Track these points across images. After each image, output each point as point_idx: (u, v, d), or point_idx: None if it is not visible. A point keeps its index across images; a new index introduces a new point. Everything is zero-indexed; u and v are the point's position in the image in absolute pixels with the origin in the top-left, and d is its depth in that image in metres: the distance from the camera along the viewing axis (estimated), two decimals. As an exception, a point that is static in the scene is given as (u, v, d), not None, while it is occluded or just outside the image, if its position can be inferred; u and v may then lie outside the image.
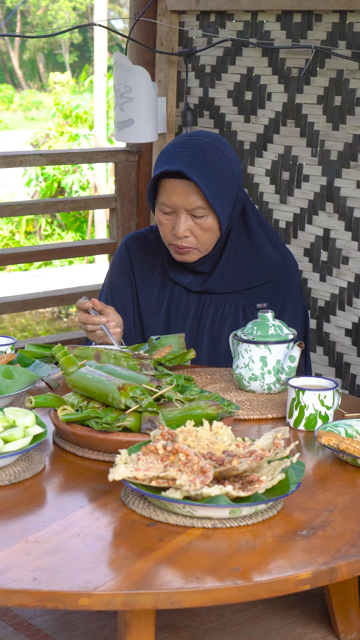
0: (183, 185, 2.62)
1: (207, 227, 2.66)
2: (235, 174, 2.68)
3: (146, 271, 2.87)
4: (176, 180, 2.63)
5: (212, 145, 2.66)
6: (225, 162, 2.66)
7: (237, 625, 2.29)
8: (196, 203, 2.63)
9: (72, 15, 30.04)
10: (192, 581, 1.55)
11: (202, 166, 2.61)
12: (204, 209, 2.64)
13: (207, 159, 2.62)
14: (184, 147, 2.66)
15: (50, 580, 1.54)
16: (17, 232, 13.36)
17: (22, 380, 2.31)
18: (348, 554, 1.65)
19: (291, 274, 2.85)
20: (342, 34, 3.53)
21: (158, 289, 2.85)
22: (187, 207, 2.64)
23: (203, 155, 2.63)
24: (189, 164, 2.60)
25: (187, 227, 2.66)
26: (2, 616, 2.31)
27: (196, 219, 2.66)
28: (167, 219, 2.69)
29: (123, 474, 1.73)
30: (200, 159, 2.62)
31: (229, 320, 2.77)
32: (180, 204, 2.64)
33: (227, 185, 2.65)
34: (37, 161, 4.35)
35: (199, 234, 2.67)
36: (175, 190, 2.63)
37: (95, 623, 2.29)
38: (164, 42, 4.21)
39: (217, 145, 2.67)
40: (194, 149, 2.64)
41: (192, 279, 2.80)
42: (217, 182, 2.62)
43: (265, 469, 1.80)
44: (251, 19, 3.87)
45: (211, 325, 2.77)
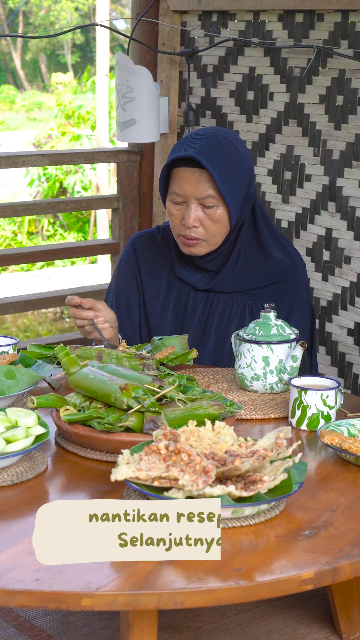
0: (195, 174, 2.62)
1: (217, 219, 2.66)
2: (247, 168, 2.68)
3: (153, 271, 2.87)
4: (188, 169, 2.63)
5: (226, 137, 2.67)
6: (238, 154, 2.66)
7: (240, 625, 2.28)
8: (207, 192, 2.62)
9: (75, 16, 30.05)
10: (195, 581, 1.54)
11: (214, 155, 2.61)
12: (215, 198, 2.63)
13: (220, 149, 2.63)
14: (197, 137, 2.68)
15: (52, 581, 1.54)
16: (19, 232, 13.37)
17: (24, 381, 2.31)
18: (351, 554, 1.65)
19: (299, 274, 2.84)
20: (344, 33, 3.53)
21: (165, 288, 2.85)
22: (197, 196, 2.63)
23: (216, 145, 2.63)
24: (201, 151, 2.61)
25: (197, 217, 2.65)
26: (4, 617, 2.31)
27: (206, 209, 2.65)
28: (177, 209, 2.69)
29: (125, 474, 1.73)
30: (213, 148, 2.62)
31: (236, 320, 2.76)
32: (191, 192, 2.64)
33: (238, 177, 2.65)
34: (39, 161, 4.35)
35: (209, 225, 2.66)
36: (186, 178, 2.63)
37: (98, 623, 2.29)
38: (166, 42, 4.21)
39: (230, 138, 2.68)
40: (207, 139, 2.65)
41: (200, 277, 2.80)
42: (228, 172, 2.62)
43: (268, 469, 1.80)
44: (253, 19, 3.86)
45: (218, 325, 2.76)
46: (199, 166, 2.61)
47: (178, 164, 2.65)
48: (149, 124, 4.04)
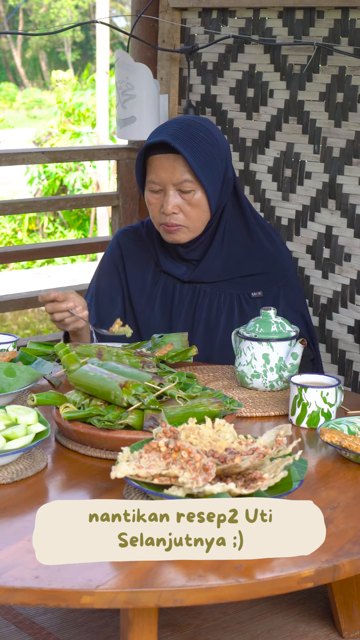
0: (170, 160, 2.63)
1: (195, 203, 2.66)
2: (222, 152, 2.68)
3: (138, 265, 2.86)
4: (163, 156, 2.64)
5: (199, 123, 2.69)
6: (212, 138, 2.67)
7: (240, 623, 2.28)
8: (183, 176, 2.63)
9: (75, 14, 30.03)
10: (195, 579, 1.54)
11: (188, 138, 2.62)
12: (192, 182, 2.63)
13: (194, 133, 2.64)
14: (170, 123, 2.70)
15: (52, 579, 1.54)
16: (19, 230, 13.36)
17: (24, 378, 2.31)
18: (351, 552, 1.65)
19: (285, 262, 2.85)
20: (344, 30, 3.53)
21: (150, 282, 2.84)
22: (174, 182, 2.64)
23: (189, 130, 2.64)
24: (174, 136, 2.62)
25: (176, 204, 2.66)
26: (4, 614, 2.31)
27: (184, 194, 2.65)
28: (156, 198, 2.69)
29: (125, 472, 1.73)
30: (186, 132, 2.63)
31: (225, 311, 2.76)
32: (167, 178, 2.64)
33: (213, 159, 2.65)
34: (39, 159, 4.35)
35: (188, 210, 2.66)
36: (162, 165, 2.64)
37: (98, 621, 2.28)
38: (165, 40, 4.21)
39: (204, 123, 2.70)
40: (181, 124, 2.67)
41: (185, 269, 2.79)
42: (203, 155, 2.63)
43: (268, 467, 1.80)
44: (253, 16, 3.86)
45: (206, 317, 2.76)
46: (174, 152, 2.62)
47: (153, 152, 2.66)
48: (149, 121, 4.04)
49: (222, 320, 2.75)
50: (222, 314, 2.76)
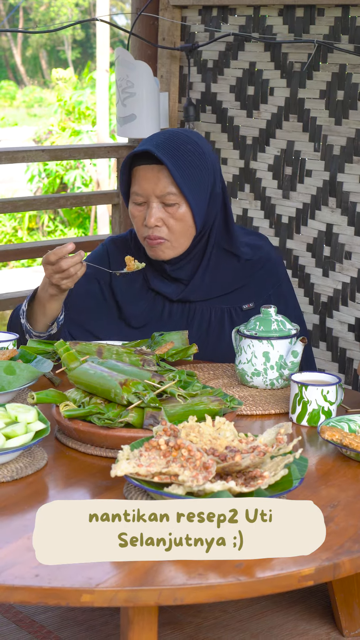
0: (154, 171, 2.57)
1: (179, 217, 2.59)
2: (210, 166, 2.62)
3: (125, 280, 2.77)
4: (147, 167, 2.58)
5: (187, 135, 2.63)
6: (199, 151, 2.60)
7: (240, 621, 2.28)
8: (167, 188, 2.56)
9: (75, 12, 30.03)
10: (195, 577, 1.54)
11: (173, 149, 2.56)
12: (175, 195, 2.57)
13: (180, 145, 2.58)
14: (157, 134, 2.64)
15: (52, 577, 1.53)
16: (19, 228, 13.37)
17: (24, 376, 2.30)
18: (351, 550, 1.64)
19: (274, 268, 2.78)
20: (344, 28, 3.52)
21: (138, 296, 2.76)
22: (157, 194, 2.57)
23: (175, 141, 2.59)
24: (158, 146, 2.56)
25: (159, 217, 2.59)
26: (4, 613, 2.30)
27: (168, 208, 2.59)
28: (139, 211, 2.63)
29: (125, 470, 1.72)
30: (172, 143, 2.58)
31: (215, 328, 2.71)
32: (150, 190, 2.58)
33: (199, 173, 2.59)
34: (39, 157, 4.35)
35: (172, 224, 2.60)
36: (146, 176, 2.58)
37: (98, 619, 2.28)
38: (166, 37, 4.20)
39: (192, 136, 2.64)
40: (167, 135, 2.62)
41: (173, 288, 2.72)
42: (188, 167, 2.57)
43: (268, 465, 1.80)
44: (253, 14, 3.86)
45: (196, 334, 2.71)
46: (159, 163, 2.56)
47: (138, 162, 2.60)
48: (149, 119, 4.03)
49: (213, 336, 2.72)
50: (212, 331, 2.71)
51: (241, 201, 4.02)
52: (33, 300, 2.63)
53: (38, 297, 2.60)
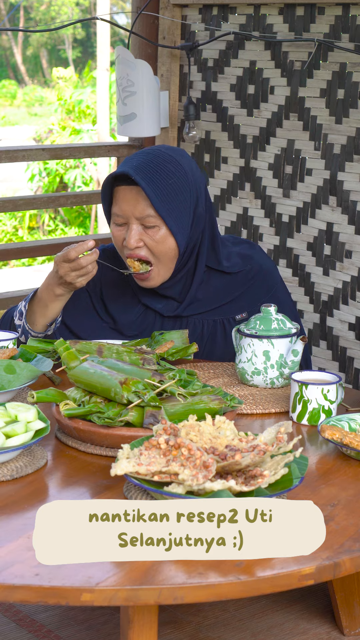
0: (132, 192, 2.53)
1: (159, 239, 2.55)
2: (191, 186, 2.56)
3: (117, 287, 2.74)
4: (127, 188, 2.54)
5: (169, 154, 2.57)
6: (181, 171, 2.55)
7: (241, 620, 2.28)
8: (145, 211, 2.52)
9: (75, 11, 30.02)
10: (195, 576, 1.54)
11: (152, 171, 2.51)
12: (154, 217, 2.53)
13: (159, 165, 2.53)
14: (138, 154, 2.59)
15: (52, 576, 1.53)
16: (20, 227, 13.36)
17: (24, 375, 2.30)
18: (352, 549, 1.64)
19: (267, 276, 2.75)
20: (345, 26, 3.52)
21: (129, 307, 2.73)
22: (136, 215, 2.53)
23: (155, 162, 2.53)
24: (137, 168, 2.51)
25: (139, 238, 2.54)
26: (4, 612, 2.30)
27: (148, 230, 2.54)
28: (119, 231, 2.59)
29: (125, 469, 1.72)
30: (151, 164, 2.53)
31: (209, 339, 2.69)
32: (129, 211, 2.54)
33: (180, 194, 2.54)
34: (40, 156, 4.34)
35: (153, 246, 2.55)
36: (125, 197, 2.54)
37: (98, 619, 2.28)
38: (166, 36, 4.20)
39: (174, 155, 2.58)
40: (148, 155, 2.56)
41: (164, 304, 2.69)
42: (167, 189, 2.52)
43: (268, 464, 1.80)
44: (254, 12, 3.85)
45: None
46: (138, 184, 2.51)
47: (118, 183, 2.56)
48: (150, 118, 4.03)
49: (206, 347, 2.70)
50: (205, 341, 2.69)
51: (241, 200, 4.02)
52: (32, 301, 2.62)
53: (39, 298, 2.59)
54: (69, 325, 2.74)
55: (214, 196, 4.13)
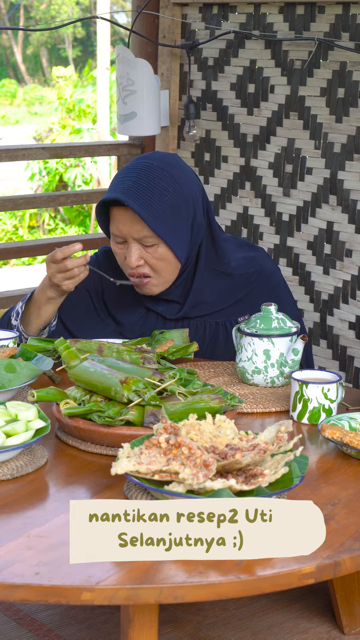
0: (128, 214, 2.51)
1: (159, 257, 2.55)
2: (187, 198, 2.55)
3: (118, 292, 2.74)
4: (121, 208, 2.52)
5: (161, 167, 2.54)
6: (174, 185, 2.53)
7: (241, 619, 2.28)
8: (142, 232, 2.51)
9: (76, 10, 30.02)
10: (195, 575, 1.54)
11: (144, 192, 2.49)
12: (152, 237, 2.52)
13: (151, 184, 2.51)
14: (129, 171, 2.55)
15: (52, 575, 1.53)
16: (20, 226, 13.36)
17: (24, 374, 2.30)
18: (352, 548, 1.64)
19: (270, 277, 2.75)
20: (345, 25, 3.52)
21: (130, 307, 2.73)
22: (134, 236, 2.53)
23: (146, 181, 2.51)
24: (128, 192, 2.49)
25: (139, 256, 2.54)
26: (5, 611, 2.30)
27: (148, 248, 2.54)
28: (120, 248, 2.59)
29: (126, 468, 1.72)
30: (142, 185, 2.50)
31: (210, 341, 2.69)
32: (127, 232, 2.53)
33: (176, 211, 2.52)
34: (40, 154, 4.34)
35: (153, 262, 2.56)
36: (121, 219, 2.53)
37: (99, 618, 2.28)
38: (166, 35, 4.20)
39: (166, 168, 2.55)
40: (139, 173, 2.53)
41: (166, 306, 2.69)
42: (162, 208, 2.50)
43: (269, 463, 1.79)
44: (254, 11, 3.85)
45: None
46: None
47: (112, 203, 2.54)
48: (150, 116, 4.03)
49: (208, 349, 2.70)
50: (207, 343, 2.69)
51: (241, 199, 4.02)
52: (29, 302, 2.62)
53: (34, 299, 2.59)
54: (68, 326, 2.74)
55: (214, 195, 4.13)
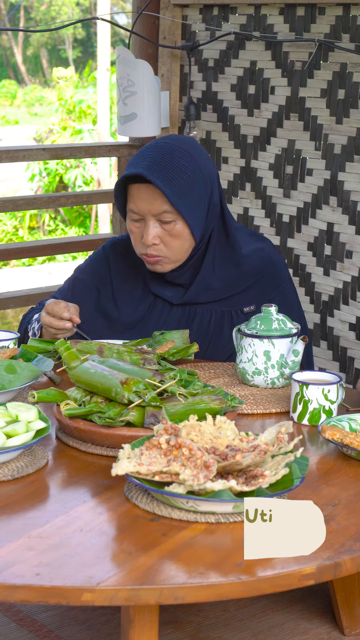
0: (148, 190, 2.54)
1: (176, 234, 2.57)
2: (206, 177, 2.58)
3: (127, 280, 2.77)
4: (141, 185, 2.55)
5: (180, 147, 2.58)
6: (193, 164, 2.56)
7: (241, 620, 2.28)
8: (162, 207, 2.54)
9: (76, 11, 30.01)
10: (196, 576, 1.54)
11: (165, 168, 2.52)
12: (171, 213, 2.55)
13: (173, 161, 2.54)
14: (149, 150, 2.59)
15: (53, 576, 1.53)
16: (20, 227, 13.36)
17: (25, 375, 2.30)
18: (352, 549, 1.64)
19: (276, 271, 2.76)
20: (345, 27, 3.52)
21: (139, 300, 2.75)
22: (153, 212, 2.55)
23: (168, 158, 2.54)
24: (150, 167, 2.52)
25: (156, 234, 2.57)
26: (5, 612, 2.30)
27: (165, 225, 2.56)
28: (137, 227, 2.61)
29: (126, 469, 1.72)
30: (164, 161, 2.53)
31: (215, 330, 2.70)
32: (146, 209, 2.55)
33: (195, 188, 2.56)
34: (40, 156, 4.34)
35: (169, 241, 2.58)
36: (140, 195, 2.55)
37: (99, 618, 2.28)
38: (167, 36, 4.20)
39: (185, 147, 2.59)
40: (159, 151, 2.56)
41: (174, 292, 2.71)
42: (182, 184, 2.53)
43: (269, 464, 1.80)
44: (254, 12, 3.85)
45: (196, 336, 2.69)
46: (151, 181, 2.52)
47: (131, 180, 2.57)
48: (150, 118, 4.03)
49: (213, 338, 2.71)
50: (212, 332, 2.70)
51: (242, 200, 4.02)
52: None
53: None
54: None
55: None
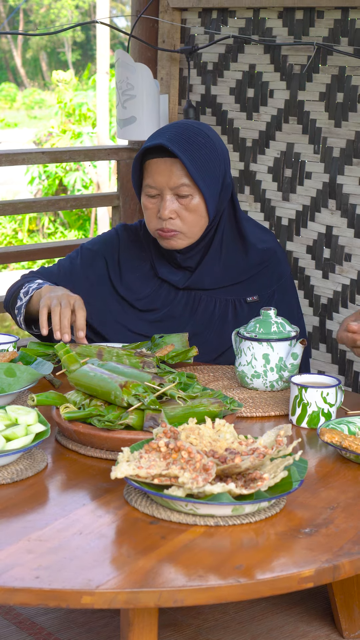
0: (167, 163, 2.60)
1: (193, 208, 2.62)
2: (221, 157, 2.65)
3: (134, 260, 2.81)
4: (160, 160, 2.60)
5: (198, 127, 2.66)
6: (211, 143, 2.64)
7: (240, 623, 2.28)
8: (180, 180, 2.59)
9: (75, 14, 30.03)
10: (195, 579, 1.54)
11: (186, 142, 2.59)
12: (189, 186, 2.60)
13: (192, 137, 2.61)
14: (168, 127, 2.67)
15: (52, 579, 1.54)
16: (20, 230, 13.37)
17: (24, 379, 2.31)
18: (351, 552, 1.65)
19: (280, 265, 2.81)
20: (344, 30, 3.53)
21: (144, 283, 2.79)
22: (171, 186, 2.60)
23: (187, 134, 2.62)
24: (171, 140, 2.59)
25: (173, 209, 2.62)
26: (5, 615, 2.31)
27: (181, 199, 2.61)
28: (153, 203, 2.66)
29: (125, 472, 1.73)
30: (184, 136, 2.61)
31: (219, 318, 2.72)
32: (164, 182, 2.61)
33: (212, 164, 2.62)
34: (40, 159, 4.35)
35: (185, 215, 2.63)
36: (159, 169, 2.61)
37: (99, 621, 2.28)
38: (166, 40, 4.21)
39: (202, 128, 2.67)
40: (179, 128, 2.64)
41: (181, 276, 2.75)
42: (201, 159, 2.60)
43: (268, 467, 1.80)
44: (253, 16, 3.86)
45: (200, 323, 2.72)
46: (171, 156, 2.59)
47: (150, 156, 2.63)
48: (149, 121, 4.04)
49: (216, 326, 2.73)
50: (216, 320, 2.73)
51: (241, 203, 4.02)
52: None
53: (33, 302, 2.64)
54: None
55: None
